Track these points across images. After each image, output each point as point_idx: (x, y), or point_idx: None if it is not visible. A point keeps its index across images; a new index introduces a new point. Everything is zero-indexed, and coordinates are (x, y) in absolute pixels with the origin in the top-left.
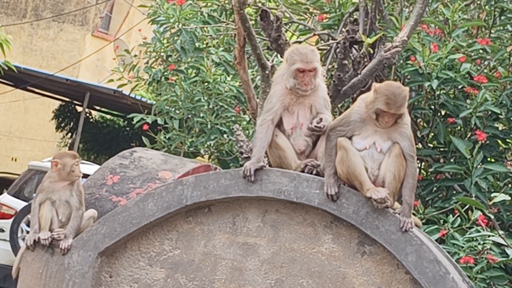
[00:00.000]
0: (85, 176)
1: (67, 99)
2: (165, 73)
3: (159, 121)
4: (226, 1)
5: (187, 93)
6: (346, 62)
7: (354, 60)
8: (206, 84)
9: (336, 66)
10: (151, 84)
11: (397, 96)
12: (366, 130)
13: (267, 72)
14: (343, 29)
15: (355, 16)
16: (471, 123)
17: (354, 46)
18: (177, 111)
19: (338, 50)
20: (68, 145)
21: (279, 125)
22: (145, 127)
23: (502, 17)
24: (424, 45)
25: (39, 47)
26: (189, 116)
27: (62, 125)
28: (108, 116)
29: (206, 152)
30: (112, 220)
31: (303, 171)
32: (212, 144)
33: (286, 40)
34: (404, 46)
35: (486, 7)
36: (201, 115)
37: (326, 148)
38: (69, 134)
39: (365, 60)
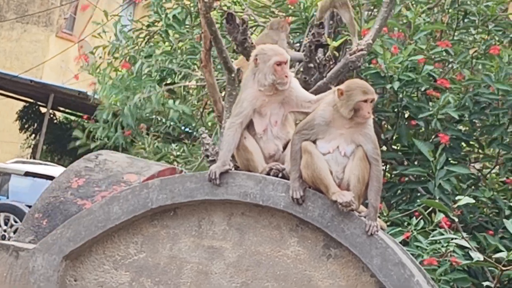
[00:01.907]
0: (50, 178)
1: (31, 100)
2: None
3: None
4: (192, 4)
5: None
6: (311, 65)
7: (319, 63)
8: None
9: (301, 69)
10: (117, 93)
11: (366, 83)
12: (330, 133)
13: (233, 75)
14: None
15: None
16: (432, 125)
17: (320, 49)
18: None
19: (304, 53)
20: (32, 146)
21: (249, 128)
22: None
23: (465, 20)
24: (387, 48)
25: (3, 48)
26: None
27: (26, 126)
28: (73, 117)
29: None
30: (77, 224)
31: (268, 174)
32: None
33: (252, 43)
34: (369, 49)
35: (450, 10)
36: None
37: (291, 152)
38: (33, 135)
39: (331, 63)
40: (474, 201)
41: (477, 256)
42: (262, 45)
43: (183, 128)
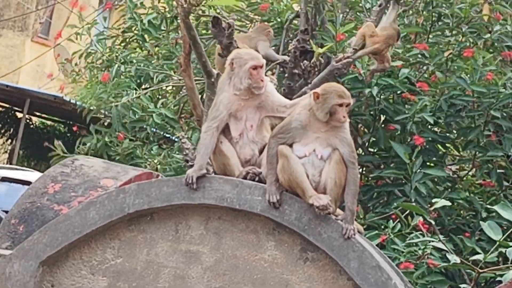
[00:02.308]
0: (26, 183)
1: (7, 105)
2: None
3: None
4: (167, 9)
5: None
6: (296, 71)
7: (304, 70)
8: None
9: (286, 75)
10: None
11: (342, 87)
12: (306, 137)
13: (212, 79)
14: (287, 37)
15: (295, 22)
16: (408, 128)
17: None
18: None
19: (289, 59)
20: (8, 151)
21: (226, 132)
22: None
23: (440, 22)
24: None
25: None
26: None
27: (2, 131)
28: (49, 122)
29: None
30: (53, 229)
31: (245, 178)
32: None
33: (237, 47)
34: (354, 57)
35: (424, 12)
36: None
37: (268, 156)
38: (9, 140)
39: (315, 69)
40: (450, 203)
41: (454, 258)
42: (238, 49)
43: (162, 133)
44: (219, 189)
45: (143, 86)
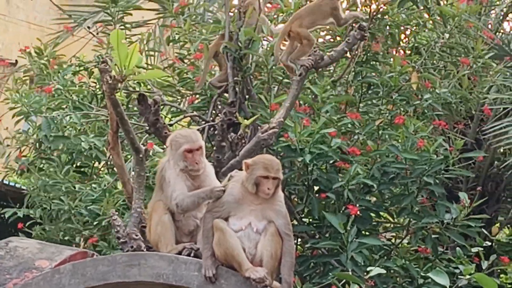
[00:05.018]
0: None
1: None
2: (35, 161)
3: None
4: (97, 86)
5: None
6: (224, 144)
7: (232, 142)
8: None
9: (214, 148)
10: (22, 175)
11: (272, 160)
12: (241, 210)
13: (140, 155)
14: (213, 111)
15: (226, 95)
16: (343, 196)
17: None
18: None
19: (216, 132)
20: None
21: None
22: (20, 225)
23: (370, 92)
24: (295, 122)
25: None
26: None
27: None
28: None
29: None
30: None
31: (180, 253)
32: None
33: (164, 123)
34: (280, 127)
35: (354, 82)
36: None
37: (203, 230)
38: None
39: (243, 141)
40: (385, 271)
41: None
42: (177, 131)
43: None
44: (155, 266)
45: (76, 164)
